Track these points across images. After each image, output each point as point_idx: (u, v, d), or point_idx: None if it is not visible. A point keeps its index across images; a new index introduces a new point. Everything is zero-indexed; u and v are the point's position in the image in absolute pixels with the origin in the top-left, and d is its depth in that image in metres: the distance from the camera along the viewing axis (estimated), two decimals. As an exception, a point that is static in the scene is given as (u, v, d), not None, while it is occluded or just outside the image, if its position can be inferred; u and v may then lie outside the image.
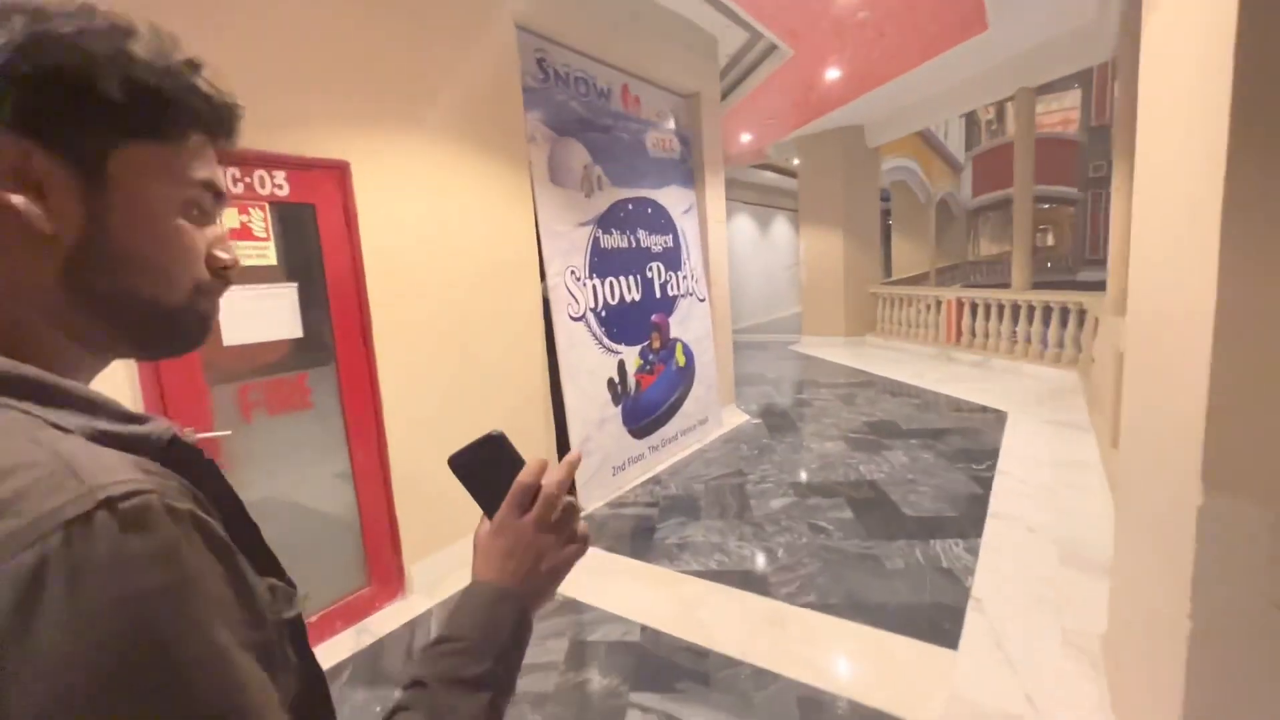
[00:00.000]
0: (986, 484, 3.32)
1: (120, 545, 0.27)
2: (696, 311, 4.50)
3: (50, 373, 0.34)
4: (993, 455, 3.75)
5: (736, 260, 11.84)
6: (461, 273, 2.71)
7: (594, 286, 3.49)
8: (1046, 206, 29.61)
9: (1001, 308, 6.37)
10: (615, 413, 3.62)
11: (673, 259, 4.27)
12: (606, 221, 3.62)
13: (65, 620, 0.26)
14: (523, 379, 3.04)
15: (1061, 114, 27.10)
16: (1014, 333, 6.22)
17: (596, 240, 3.53)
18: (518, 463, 0.54)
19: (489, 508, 0.53)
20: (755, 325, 12.02)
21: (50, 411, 0.32)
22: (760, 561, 2.64)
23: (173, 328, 0.41)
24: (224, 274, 0.43)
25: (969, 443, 4.04)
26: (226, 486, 0.39)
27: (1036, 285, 7.56)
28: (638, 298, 3.86)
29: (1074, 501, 3.02)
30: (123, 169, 0.37)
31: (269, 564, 0.40)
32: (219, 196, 0.43)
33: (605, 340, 3.56)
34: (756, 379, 6.68)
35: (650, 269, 4.02)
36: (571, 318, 3.31)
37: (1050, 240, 30.81)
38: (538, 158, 3.15)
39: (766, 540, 2.84)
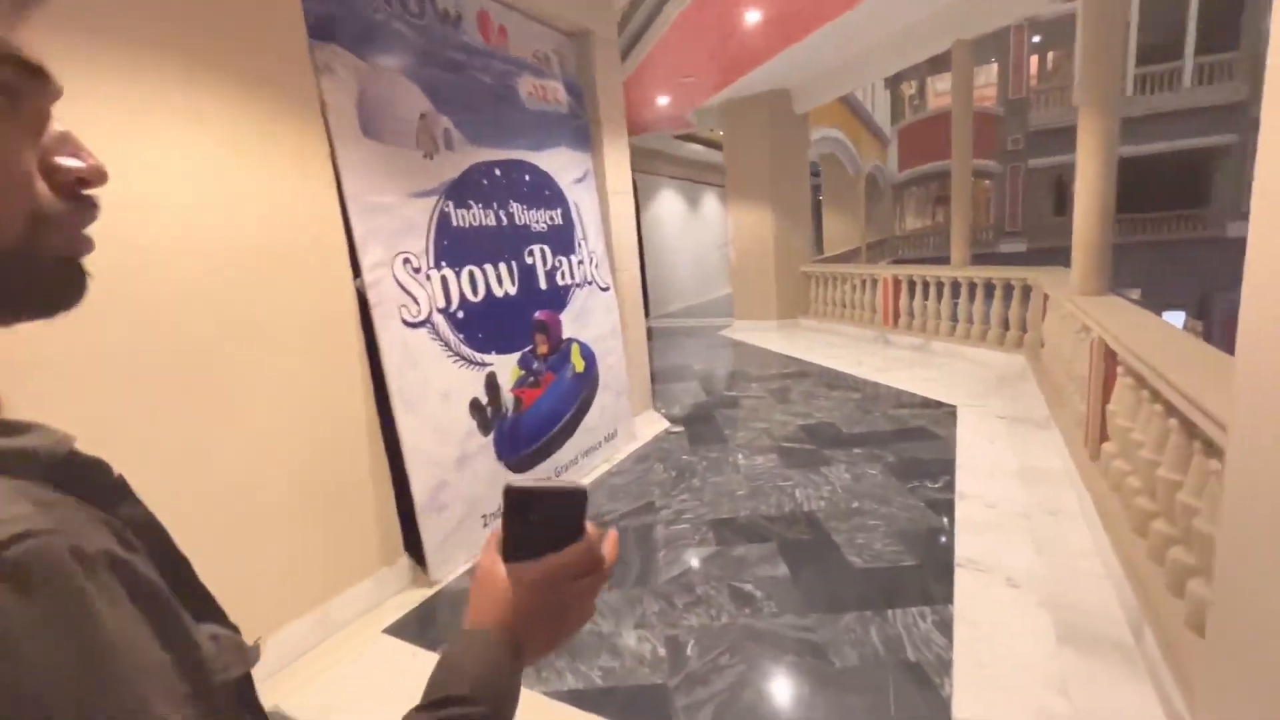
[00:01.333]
0: (947, 509, 2.70)
1: (9, 614, 0.21)
2: (598, 304, 3.68)
3: None
4: (948, 467, 3.15)
5: (664, 240, 11.09)
6: (198, 270, 1.77)
7: (444, 279, 2.60)
8: (966, 181, 30.60)
9: (941, 286, 5.88)
10: (484, 444, 2.77)
11: (563, 240, 3.42)
12: (460, 192, 2.72)
13: None
14: (324, 414, 2.14)
15: (978, 89, 27.77)
16: (954, 313, 5.75)
17: (445, 217, 2.63)
18: (580, 529, 0.48)
19: (516, 553, 0.48)
20: (686, 309, 11.35)
21: None
22: (663, 668, 1.88)
23: (24, 274, 0.29)
24: (78, 191, 0.31)
25: (920, 449, 3.44)
26: (144, 512, 0.32)
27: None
28: (513, 291, 3.00)
29: (1053, 532, 2.43)
30: None
31: (206, 607, 0.34)
32: (34, 73, 0.28)
33: (464, 350, 2.68)
34: (682, 373, 5.96)
35: (531, 254, 3.15)
36: (407, 323, 2.42)
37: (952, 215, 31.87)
38: (339, 99, 2.22)
39: (675, 623, 2.09)
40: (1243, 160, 15.38)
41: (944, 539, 2.47)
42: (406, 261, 2.43)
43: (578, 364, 3.46)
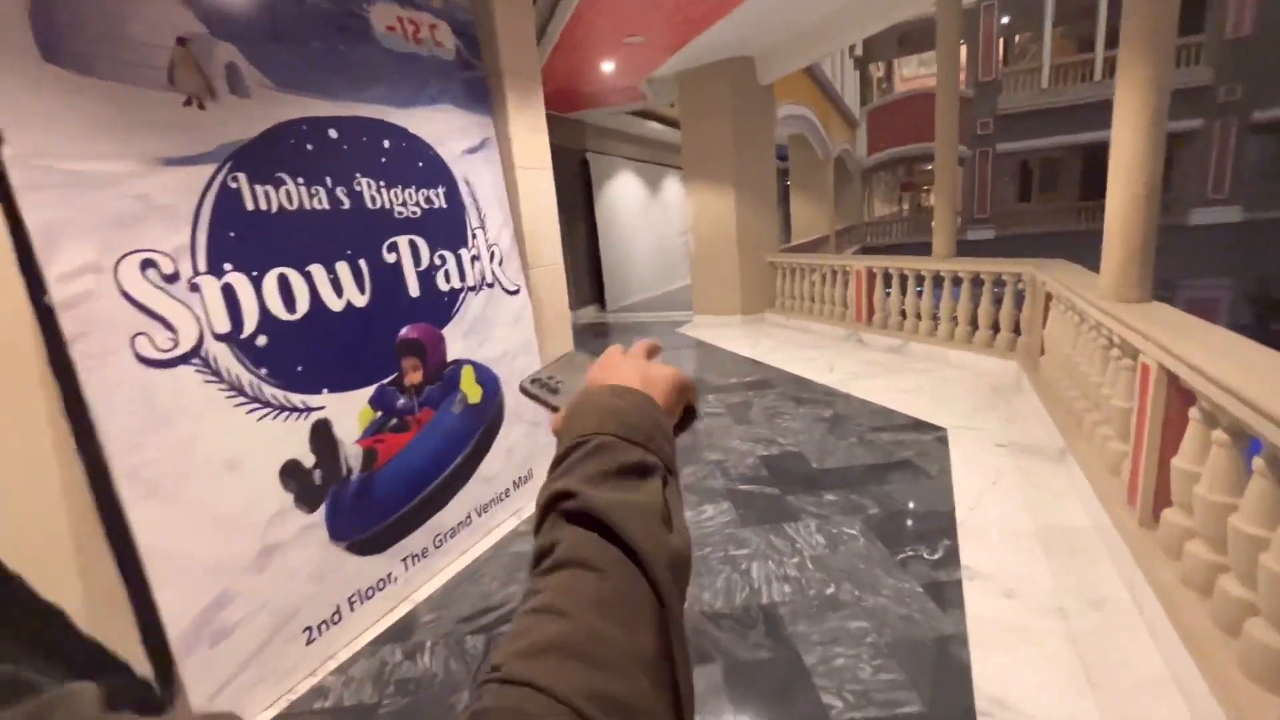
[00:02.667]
0: (954, 599, 1.99)
1: None
2: (503, 311, 2.86)
3: None
4: (947, 524, 2.44)
5: (621, 226, 10.24)
6: None
7: (228, 289, 1.74)
8: (932, 167, 30.35)
9: (921, 280, 5.21)
10: (309, 524, 1.93)
11: (448, 229, 2.58)
12: (261, 159, 1.85)
13: None
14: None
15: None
16: (936, 310, 5.09)
17: (230, 197, 1.77)
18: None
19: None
20: (645, 301, 10.56)
21: None
22: None
23: None
24: None
25: (908, 493, 2.73)
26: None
27: (921, 246, 6.56)
28: (361, 302, 2.15)
29: (1104, 644, 1.73)
30: None
31: (87, 657, 0.31)
32: None
33: (269, 391, 1.83)
34: (630, 381, 5.18)
35: (394, 248, 2.31)
36: (150, 360, 1.56)
37: (934, 199, 31.70)
38: (-10, -4, 1.34)
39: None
40: (1208, 146, 15.23)
41: (956, 655, 1.75)
42: (148, 265, 1.57)
43: (472, 393, 2.64)
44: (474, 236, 2.71)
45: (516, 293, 2.96)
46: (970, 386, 4.20)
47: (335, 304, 2.05)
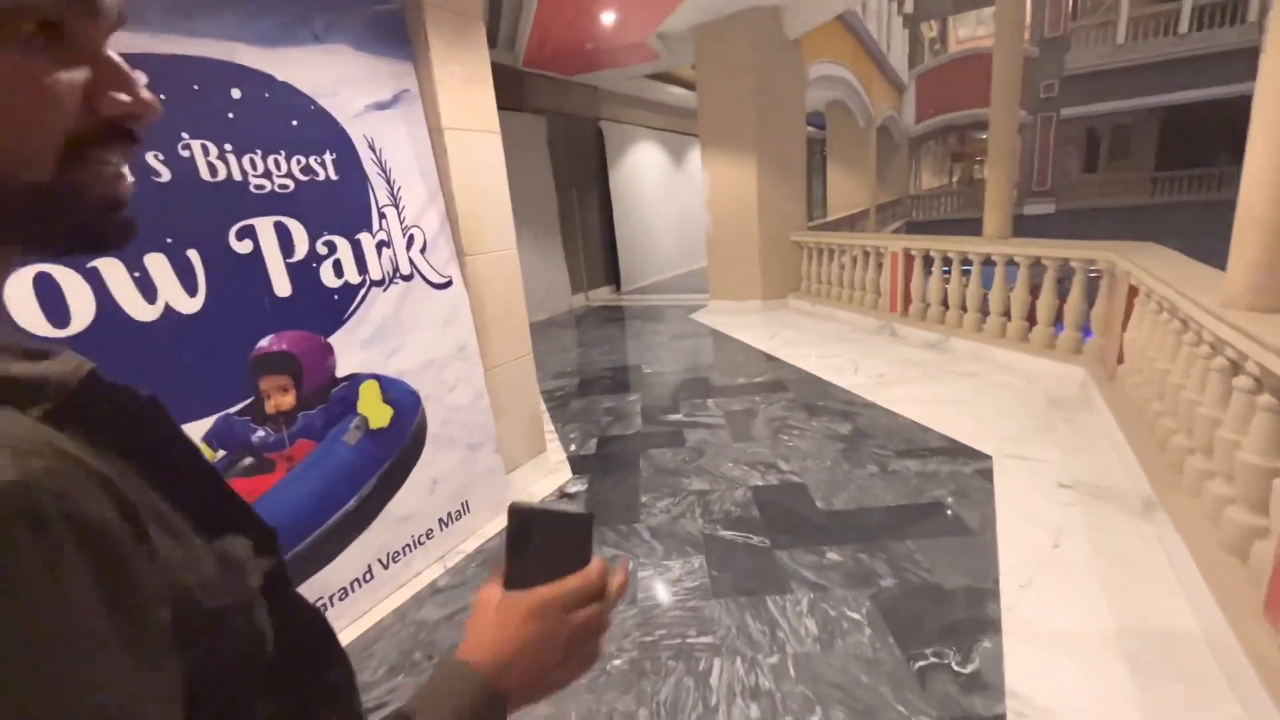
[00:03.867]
0: (992, 751, 1.36)
1: None
2: (426, 310, 2.29)
3: None
4: (989, 615, 1.79)
5: (640, 200, 9.55)
6: None
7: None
8: (985, 136, 28.25)
9: (968, 264, 4.42)
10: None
11: (340, 208, 2.01)
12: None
13: None
14: None
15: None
16: (984, 302, 4.31)
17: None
18: (585, 557, 0.46)
19: (518, 581, 0.45)
20: (665, 282, 9.88)
21: None
22: None
23: (62, 213, 0.28)
24: (121, 125, 0.29)
25: (936, 556, 2.08)
26: (172, 430, 0.31)
27: (973, 223, 5.67)
28: (192, 307, 1.61)
29: None
30: None
31: (233, 512, 0.34)
32: (82, 2, 0.27)
33: None
34: (624, 378, 4.58)
35: (248, 235, 1.76)
36: None
37: (988, 171, 29.61)
38: None
39: None
40: (1311, 107, 13.41)
41: None
42: None
43: (375, 415, 2.10)
44: (382, 217, 2.14)
45: (447, 285, 2.39)
46: (1023, 397, 3.46)
47: (143, 311, 1.52)
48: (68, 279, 1.40)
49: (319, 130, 1.96)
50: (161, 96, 1.40)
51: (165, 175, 1.57)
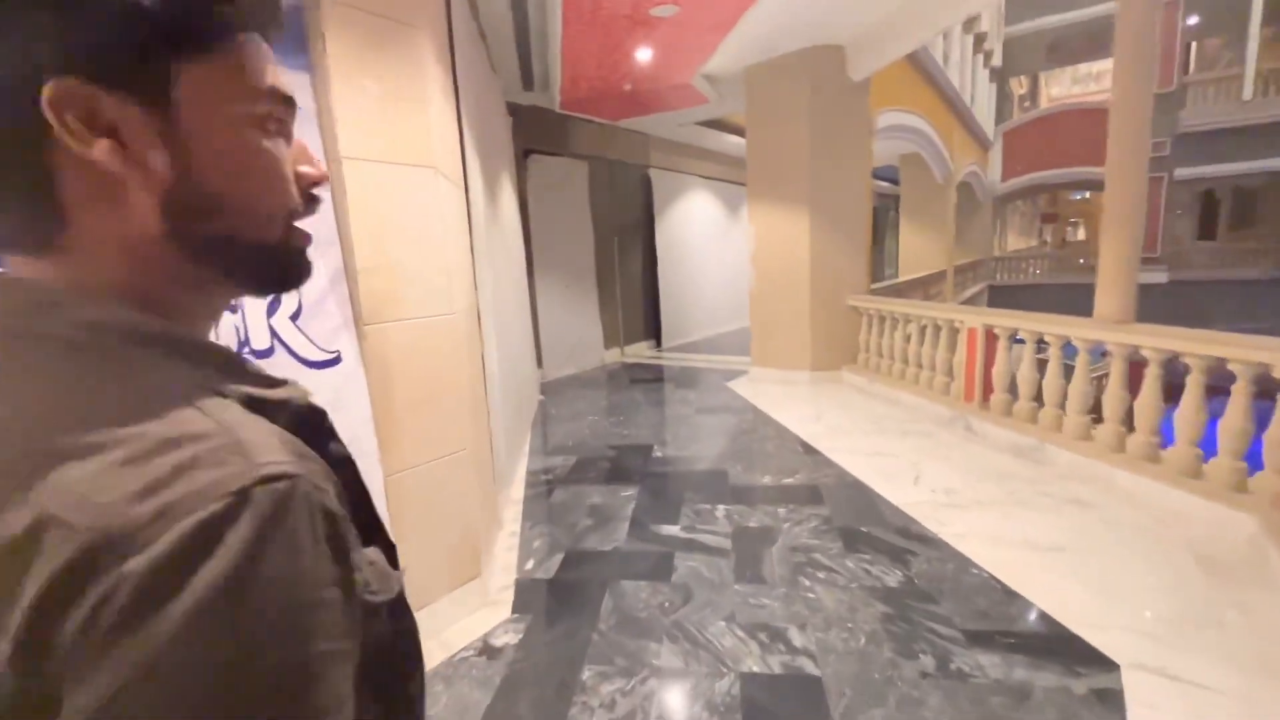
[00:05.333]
0: None
1: (265, 526, 0.29)
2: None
3: (191, 330, 0.36)
4: None
5: (688, 252, 8.95)
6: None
7: None
8: (1080, 197, 26.19)
9: (1071, 355, 3.44)
10: None
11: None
12: None
13: (209, 593, 0.26)
14: None
15: (1104, 90, 23.56)
16: (1094, 403, 3.31)
17: None
18: None
19: None
20: (710, 340, 9.12)
21: (206, 374, 0.34)
22: None
23: (279, 265, 0.41)
24: (313, 194, 0.43)
25: None
26: (343, 450, 0.42)
27: (1066, 290, 4.53)
28: None
29: None
30: (189, 93, 0.34)
31: (375, 529, 0.42)
32: (288, 102, 0.40)
33: None
34: (629, 465, 3.82)
35: None
36: None
37: (1081, 234, 27.37)
38: None
39: None
40: None
41: None
42: None
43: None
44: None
45: (330, 364, 1.76)
46: (1161, 551, 2.45)
47: None
48: None
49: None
50: None
51: None
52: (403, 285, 1.95)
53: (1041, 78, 24.34)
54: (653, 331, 8.52)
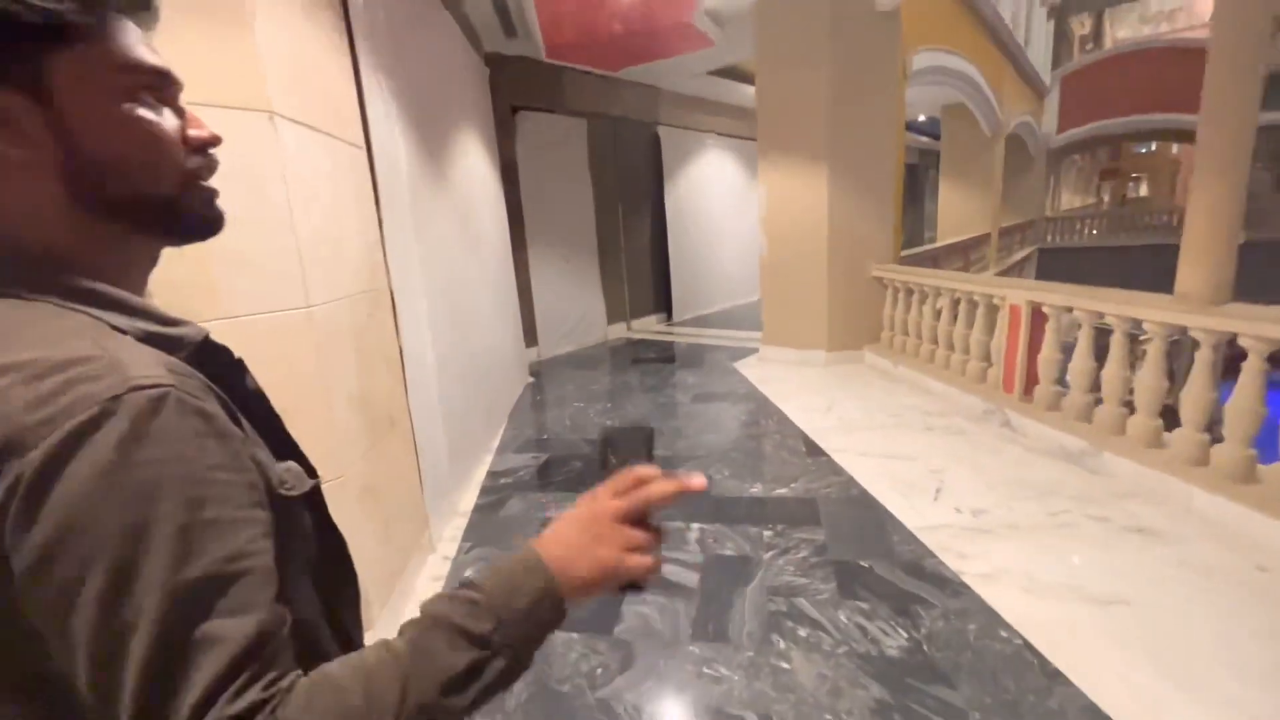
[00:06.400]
0: None
1: (139, 422, 0.35)
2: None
3: (104, 283, 0.42)
4: None
5: (702, 217, 8.27)
6: None
7: None
8: (1145, 149, 23.96)
9: (1138, 343, 2.77)
10: None
11: None
12: None
13: (89, 474, 0.34)
14: None
15: (1176, 27, 21.17)
16: (1171, 398, 2.66)
17: None
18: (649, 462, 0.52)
19: None
20: (725, 313, 8.48)
21: (109, 315, 0.41)
22: None
23: (182, 215, 0.46)
24: (206, 153, 0.47)
25: None
26: (251, 382, 0.50)
27: (1123, 254, 3.70)
28: None
29: None
30: (63, 80, 0.40)
31: (289, 449, 0.51)
32: (161, 75, 0.45)
33: None
34: (597, 470, 3.35)
35: None
36: None
37: (1144, 190, 25.19)
38: None
39: None
40: None
41: None
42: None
43: None
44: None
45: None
46: (1265, 608, 1.84)
47: None
48: None
49: None
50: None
51: None
52: (222, 273, 1.46)
53: (1106, 16, 22.15)
54: (663, 304, 7.93)
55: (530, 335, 5.97)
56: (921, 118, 11.65)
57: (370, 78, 2.18)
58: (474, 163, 4.00)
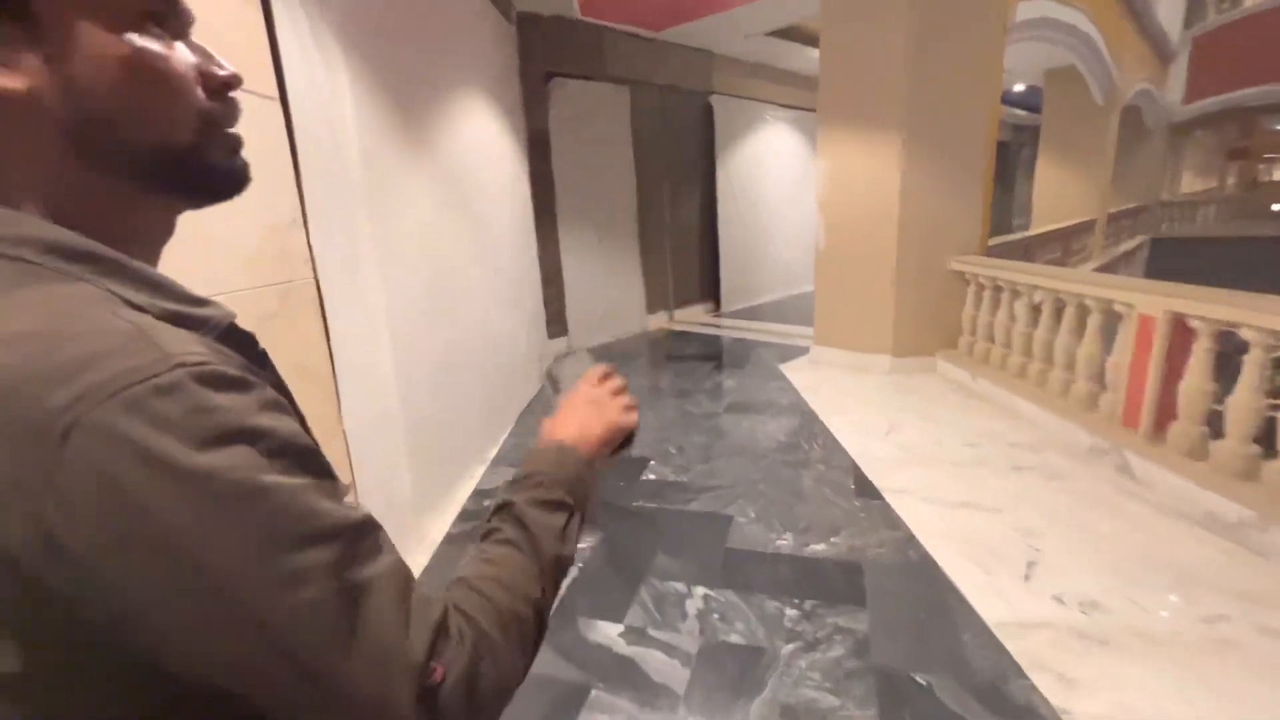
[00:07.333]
0: None
1: (201, 398, 0.30)
2: None
3: (114, 249, 0.35)
4: None
5: (757, 196, 7.52)
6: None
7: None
8: (1288, 125, 20.74)
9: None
10: None
11: None
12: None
13: (151, 466, 0.28)
14: None
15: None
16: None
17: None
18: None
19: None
20: (784, 303, 7.71)
21: (123, 288, 0.34)
22: None
23: (201, 168, 0.40)
24: (224, 94, 0.41)
25: None
26: (276, 375, 0.43)
27: (1256, 245, 2.78)
28: None
29: None
30: (52, 6, 0.34)
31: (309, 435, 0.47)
32: (168, 2, 0.39)
33: None
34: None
35: None
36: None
37: (1278, 174, 21.91)
38: None
39: None
40: None
41: None
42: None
43: None
44: None
45: None
46: None
47: None
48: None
49: None
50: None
51: None
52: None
53: (1252, -31, 19.22)
54: (711, 293, 7.28)
55: (560, 324, 5.51)
56: (1019, 87, 10.28)
57: (283, 8, 1.68)
58: (482, 133, 3.50)
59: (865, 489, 2.66)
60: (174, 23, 0.39)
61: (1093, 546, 2.14)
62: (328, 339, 1.86)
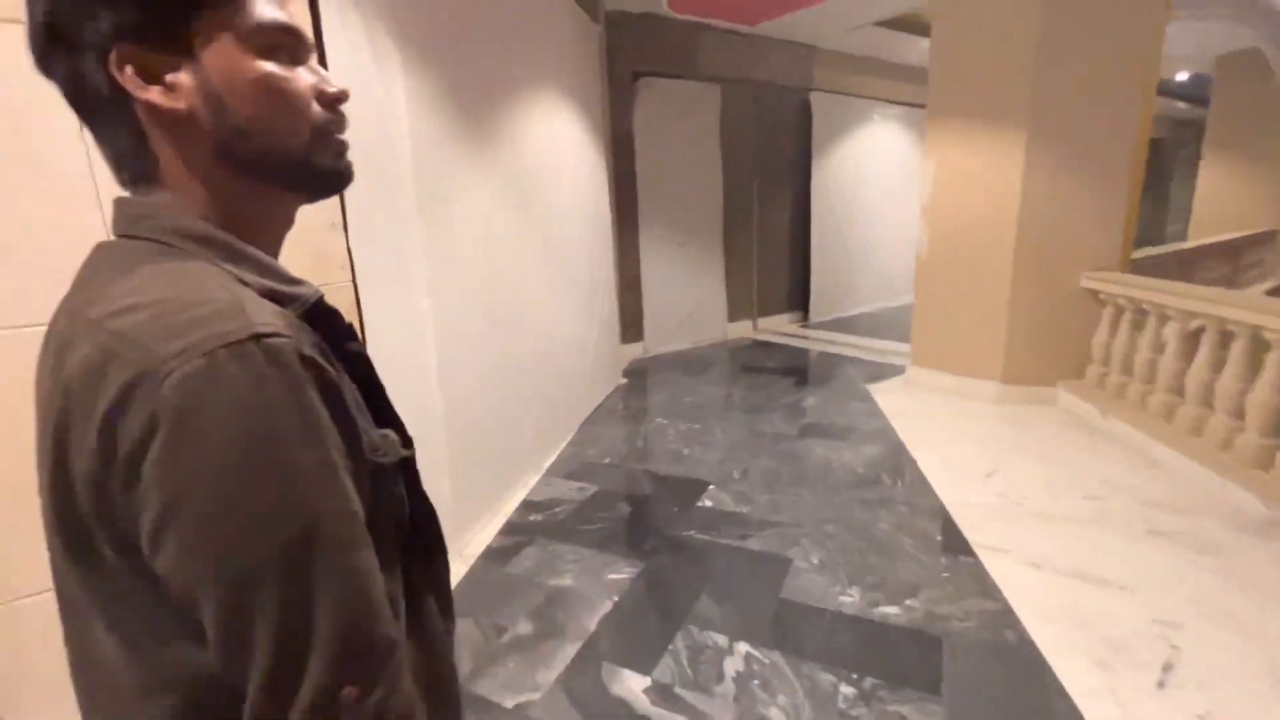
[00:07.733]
0: None
1: (261, 366, 0.37)
2: None
3: (238, 238, 0.45)
4: None
5: (856, 200, 7.01)
6: None
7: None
8: None
9: None
10: None
11: None
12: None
13: (214, 410, 0.36)
14: None
15: None
16: None
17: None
18: None
19: None
20: (879, 316, 7.12)
21: (237, 267, 0.44)
22: None
23: (313, 169, 0.48)
24: (335, 108, 0.49)
25: None
26: (359, 347, 0.50)
27: None
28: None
29: None
30: (203, 40, 0.43)
31: (390, 417, 0.51)
32: (291, 33, 0.47)
33: None
34: (645, 524, 2.61)
35: None
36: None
37: None
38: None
39: None
40: None
41: None
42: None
43: None
44: None
45: None
46: None
47: None
48: None
49: None
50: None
51: None
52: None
53: None
54: (799, 301, 6.86)
55: (635, 329, 5.38)
56: (1181, 76, 8.90)
57: (333, 9, 1.64)
58: (557, 134, 3.41)
59: (955, 543, 2.29)
60: (296, 50, 0.47)
61: (1256, 652, 1.67)
62: (363, 343, 1.81)
